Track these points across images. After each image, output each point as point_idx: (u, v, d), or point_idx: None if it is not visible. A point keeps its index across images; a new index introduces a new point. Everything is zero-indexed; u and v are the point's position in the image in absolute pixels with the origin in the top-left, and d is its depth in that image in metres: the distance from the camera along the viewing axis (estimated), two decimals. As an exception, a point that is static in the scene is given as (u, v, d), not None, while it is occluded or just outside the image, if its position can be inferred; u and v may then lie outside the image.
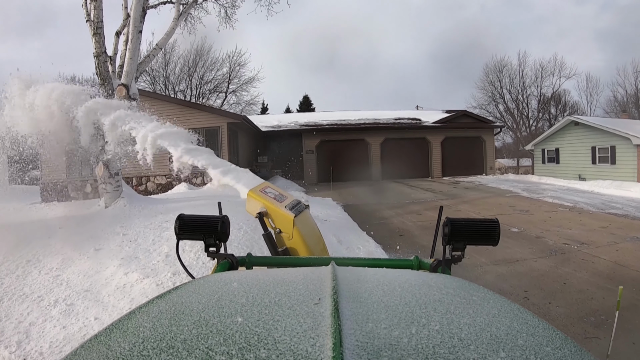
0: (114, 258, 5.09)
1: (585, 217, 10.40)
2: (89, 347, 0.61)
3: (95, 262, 5.01)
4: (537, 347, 0.59)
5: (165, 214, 6.71)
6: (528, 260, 6.58)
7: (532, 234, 8.39)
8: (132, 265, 4.88)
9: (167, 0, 10.98)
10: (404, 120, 27.88)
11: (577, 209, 11.77)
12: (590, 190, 16.75)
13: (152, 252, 5.26)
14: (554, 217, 10.52)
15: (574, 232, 8.62)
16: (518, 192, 16.13)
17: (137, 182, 17.29)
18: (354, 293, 0.74)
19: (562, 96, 42.62)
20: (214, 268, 1.40)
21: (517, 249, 7.21)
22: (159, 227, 6.04)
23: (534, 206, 12.47)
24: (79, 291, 4.36)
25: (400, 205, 13.35)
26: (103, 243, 5.65)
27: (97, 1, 7.92)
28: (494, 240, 1.29)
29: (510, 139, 43.58)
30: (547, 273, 5.94)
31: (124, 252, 5.27)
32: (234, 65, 38.60)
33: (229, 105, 38.92)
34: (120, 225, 6.31)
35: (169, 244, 5.39)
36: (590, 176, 21.53)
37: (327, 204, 13.06)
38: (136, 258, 5.10)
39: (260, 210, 2.13)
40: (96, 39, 8.01)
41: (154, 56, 9.60)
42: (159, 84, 37.46)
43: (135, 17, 8.12)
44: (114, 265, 4.91)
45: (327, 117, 28.97)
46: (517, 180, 22.81)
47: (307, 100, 49.98)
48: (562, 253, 6.98)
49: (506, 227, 8.96)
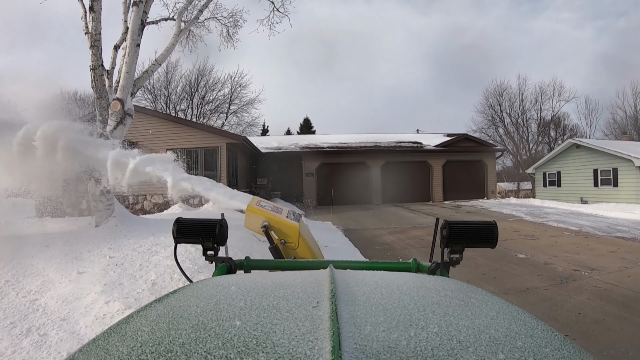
0: (96, 283, 4.73)
1: (592, 242, 10.12)
2: (87, 351, 0.60)
3: (77, 287, 4.65)
4: (536, 348, 0.59)
5: (156, 236, 6.38)
6: (539, 288, 6.23)
7: (540, 260, 8.06)
8: (115, 292, 4.52)
9: (168, 17, 10.90)
10: (405, 144, 27.80)
11: (583, 233, 11.50)
12: (595, 214, 16.54)
13: (138, 278, 4.91)
14: (560, 241, 10.22)
15: (582, 257, 8.33)
16: (521, 217, 15.84)
17: (134, 200, 17.03)
18: (352, 296, 0.74)
19: (561, 119, 43.16)
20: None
21: (527, 277, 6.87)
22: (148, 250, 5.70)
23: (539, 230, 12.18)
24: (54, 320, 3.99)
25: (402, 230, 13.01)
26: (88, 265, 5.31)
27: (96, 13, 7.76)
28: (492, 242, 1.28)
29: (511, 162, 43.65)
30: (560, 303, 5.60)
31: (108, 277, 4.91)
32: (236, 86, 38.94)
33: (230, 126, 39.08)
34: (109, 246, 5.98)
35: (157, 270, 5.07)
36: (592, 199, 21.43)
37: (327, 228, 12.76)
38: (120, 285, 4.74)
39: (264, 224, 2.09)
40: (93, 52, 7.83)
41: (152, 72, 9.41)
42: (160, 102, 37.71)
43: (134, 30, 7.94)
44: (96, 291, 4.55)
45: (328, 139, 28.93)
46: (519, 204, 22.54)
47: (307, 123, 50.20)
48: (573, 280, 6.65)
49: (513, 254, 8.68)
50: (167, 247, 5.82)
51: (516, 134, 41.72)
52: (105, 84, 8.28)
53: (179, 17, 10.24)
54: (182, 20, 10.40)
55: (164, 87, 37.58)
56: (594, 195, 21.53)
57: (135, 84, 8.72)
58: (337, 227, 13.82)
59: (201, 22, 12.93)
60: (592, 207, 18.82)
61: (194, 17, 11.12)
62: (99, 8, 7.83)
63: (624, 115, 41.96)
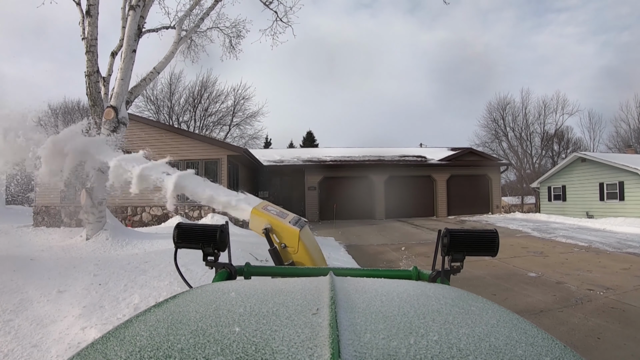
0: (76, 305, 4.37)
1: (603, 258, 9.78)
2: (85, 355, 0.59)
3: (55, 308, 4.29)
4: (537, 356, 0.58)
5: (146, 254, 6.04)
6: (553, 310, 5.85)
7: (552, 279, 7.67)
8: (94, 317, 4.15)
9: (169, 25, 10.73)
10: (408, 158, 27.51)
11: (594, 249, 11.16)
12: (603, 229, 16.24)
13: (121, 301, 4.55)
14: (570, 258, 9.85)
15: (595, 275, 7.97)
16: (528, 232, 15.45)
17: (132, 212, 16.85)
18: (352, 303, 0.73)
19: (564, 133, 43.22)
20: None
21: (539, 297, 6.49)
22: (135, 268, 5.35)
23: (548, 247, 11.80)
24: (25, 346, 3.61)
25: (407, 247, 12.60)
26: (70, 283, 4.95)
27: (92, 17, 7.54)
28: (493, 251, 1.29)
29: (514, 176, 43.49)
30: (577, 326, 5.22)
31: (89, 299, 4.54)
32: (239, 99, 38.92)
33: (232, 138, 39.07)
34: (95, 262, 5.64)
35: (142, 292, 4.72)
36: (598, 213, 21.20)
37: (329, 244, 12.40)
38: (101, 307, 4.38)
39: (265, 227, 2.18)
40: (89, 57, 7.59)
41: (150, 80, 9.15)
42: (163, 114, 37.78)
43: (130, 35, 7.68)
44: (74, 314, 4.18)
45: (331, 153, 28.66)
46: (525, 219, 22.14)
47: (310, 136, 50.13)
48: (588, 301, 6.28)
49: (523, 272, 8.31)
50: (157, 265, 5.49)
51: (520, 148, 41.55)
52: (101, 91, 8.05)
53: (179, 24, 10.07)
54: (182, 28, 10.22)
55: (167, 99, 37.72)
56: (600, 210, 21.28)
57: (132, 92, 8.49)
58: (340, 243, 13.47)
59: (203, 32, 12.85)
60: (599, 221, 18.50)
61: (195, 25, 10.98)
62: (95, 12, 7.62)
63: (627, 128, 42.01)
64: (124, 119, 7.63)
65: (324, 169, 25.54)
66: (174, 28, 10.46)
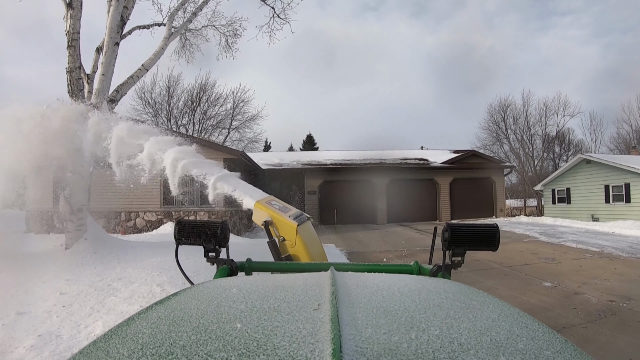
0: (31, 332, 3.81)
1: (619, 265, 9.30)
2: (88, 353, 0.58)
3: (7, 336, 3.72)
4: (538, 350, 0.58)
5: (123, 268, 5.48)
6: (577, 326, 5.29)
7: (569, 289, 7.12)
8: (47, 349, 3.59)
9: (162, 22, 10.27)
10: (410, 161, 27.05)
11: (607, 255, 10.67)
12: (612, 232, 15.87)
13: (82, 329, 4.02)
14: (584, 265, 9.33)
15: (614, 284, 7.46)
16: (536, 237, 14.91)
17: (126, 218, 16.37)
18: (353, 298, 0.73)
19: (566, 135, 42.92)
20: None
21: (559, 311, 5.93)
22: (107, 287, 4.81)
23: (559, 252, 11.26)
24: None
25: (411, 254, 12.03)
26: (34, 303, 4.39)
27: (75, 10, 7.01)
28: (494, 245, 1.30)
29: (516, 179, 43.02)
30: (605, 345, 4.67)
31: (48, 324, 3.98)
32: (238, 102, 38.48)
33: (232, 142, 38.61)
34: (67, 277, 5.08)
35: (107, 318, 4.21)
36: (604, 216, 20.84)
37: (330, 252, 11.83)
38: (58, 337, 3.83)
39: (266, 219, 2.24)
40: (70, 52, 7.08)
41: (138, 77, 8.62)
42: (162, 117, 37.32)
43: (112, 27, 7.17)
44: (25, 346, 3.62)
45: (331, 156, 28.21)
46: (530, 222, 21.65)
47: (310, 139, 49.73)
48: (612, 314, 5.75)
49: (537, 282, 7.75)
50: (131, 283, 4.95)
51: (521, 150, 41.09)
52: (85, 88, 7.53)
53: (170, 20, 9.63)
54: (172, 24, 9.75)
55: (166, 102, 37.24)
56: (606, 212, 20.86)
57: (118, 91, 7.99)
58: (341, 250, 12.92)
59: (198, 31, 12.41)
60: (608, 225, 18.08)
61: (187, 21, 10.55)
62: (78, 5, 7.11)
63: (629, 129, 41.72)
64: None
65: (324, 173, 25.10)
66: (164, 25, 10.01)
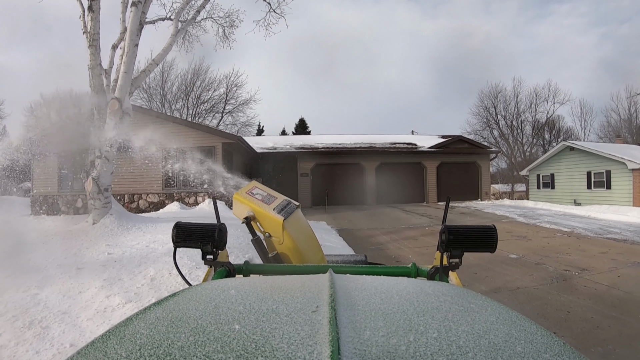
0: (96, 278, 4.79)
1: (584, 243, 10.23)
2: (85, 353, 0.60)
3: (77, 282, 4.71)
4: (536, 354, 0.59)
5: (153, 234, 6.44)
6: (529, 287, 6.34)
7: (532, 261, 8.17)
8: (115, 287, 4.57)
9: (166, 17, 10.94)
10: (399, 145, 27.90)
11: (575, 235, 11.63)
12: (587, 215, 16.67)
13: (137, 274, 4.96)
14: (552, 243, 10.33)
15: (573, 258, 8.43)
16: (514, 218, 15.97)
17: (129, 199, 17.06)
18: (351, 301, 0.74)
19: (556, 122, 43.56)
20: (205, 274, 1.40)
21: (517, 276, 6.98)
22: (145, 247, 5.76)
23: (532, 232, 12.30)
24: (56, 313, 4.05)
25: (396, 231, 13.11)
26: (87, 262, 5.36)
27: (95, 12, 7.81)
28: (492, 246, 1.28)
29: (505, 164, 43.88)
30: (549, 301, 5.71)
31: (108, 273, 4.96)
32: (231, 86, 38.92)
33: (225, 125, 39.07)
34: (107, 243, 6.04)
35: (155, 266, 5.12)
36: (585, 201, 21.68)
37: (321, 228, 12.83)
38: (120, 280, 4.79)
39: (247, 215, 1.94)
40: (92, 51, 7.88)
41: (150, 71, 9.45)
42: (156, 102, 37.66)
43: (132, 30, 7.99)
44: (96, 286, 4.60)
45: (323, 140, 28.94)
46: (512, 205, 22.69)
47: (303, 123, 50.20)
48: (563, 280, 6.76)
49: (505, 254, 8.78)
50: (165, 243, 5.89)
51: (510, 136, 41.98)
52: (104, 83, 8.33)
53: (177, 17, 10.28)
54: (179, 20, 10.45)
55: (160, 87, 37.59)
56: (588, 198, 21.78)
57: (132, 84, 8.78)
58: (332, 227, 13.88)
59: (197, 22, 12.96)
60: (585, 209, 18.92)
61: (192, 18, 11.16)
62: (97, 8, 7.89)
63: (618, 118, 42.60)
64: (127, 110, 7.97)
65: (316, 156, 25.94)
66: (170, 20, 10.68)
